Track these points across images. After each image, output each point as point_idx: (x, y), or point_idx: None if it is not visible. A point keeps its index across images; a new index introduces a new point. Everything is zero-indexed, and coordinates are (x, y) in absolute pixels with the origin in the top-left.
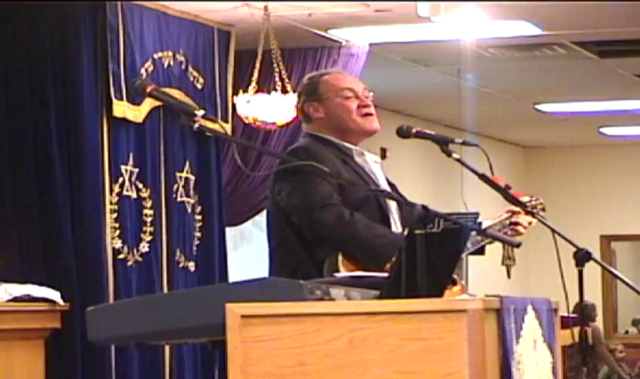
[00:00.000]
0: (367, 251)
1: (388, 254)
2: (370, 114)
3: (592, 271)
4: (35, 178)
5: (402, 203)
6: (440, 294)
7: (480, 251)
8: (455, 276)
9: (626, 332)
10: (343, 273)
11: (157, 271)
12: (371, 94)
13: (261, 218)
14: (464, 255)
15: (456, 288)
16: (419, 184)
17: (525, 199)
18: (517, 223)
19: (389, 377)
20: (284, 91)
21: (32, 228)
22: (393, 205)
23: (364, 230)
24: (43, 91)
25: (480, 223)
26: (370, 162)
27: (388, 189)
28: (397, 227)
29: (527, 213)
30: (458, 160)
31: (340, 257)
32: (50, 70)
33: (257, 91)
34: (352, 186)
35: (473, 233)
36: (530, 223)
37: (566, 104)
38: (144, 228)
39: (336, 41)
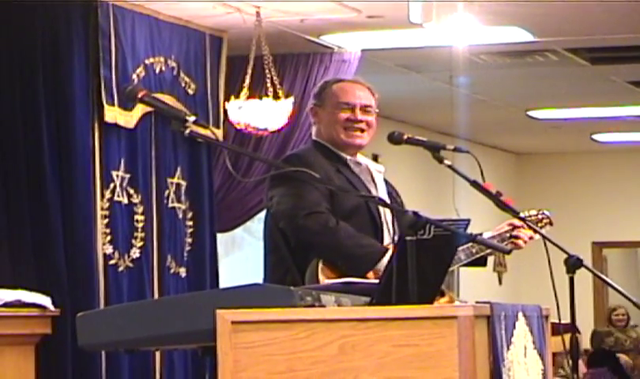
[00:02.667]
0: (347, 260)
1: (368, 265)
2: (357, 130)
3: (583, 277)
4: (26, 184)
5: (392, 209)
6: (431, 301)
7: (482, 263)
8: (443, 288)
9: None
10: (324, 280)
11: (148, 277)
12: (377, 110)
13: (253, 224)
14: (458, 266)
15: (444, 299)
16: (411, 190)
17: (532, 212)
18: (517, 237)
19: None
20: (276, 97)
21: (22, 234)
22: (388, 214)
23: (347, 239)
24: (34, 96)
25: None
26: (373, 170)
27: (386, 198)
28: (390, 235)
29: (520, 220)
30: (450, 167)
31: (320, 264)
32: (41, 75)
33: (249, 97)
34: (343, 192)
35: (467, 244)
36: (531, 238)
37: (558, 111)
38: (136, 234)
39: (328, 47)
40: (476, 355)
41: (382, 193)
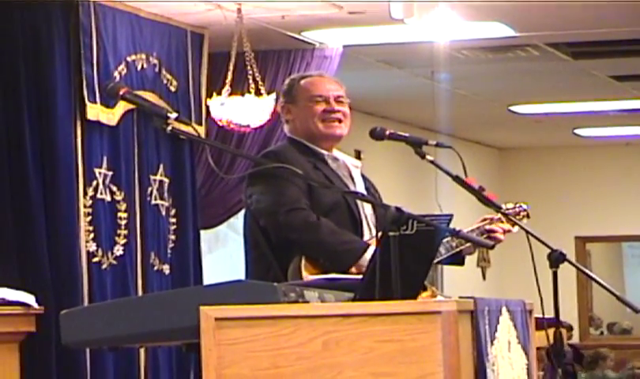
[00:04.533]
0: (329, 256)
1: (350, 261)
2: (334, 120)
3: (567, 272)
4: (9, 182)
5: (375, 205)
6: (414, 296)
7: (460, 262)
8: (425, 282)
9: (601, 333)
10: (307, 276)
11: (132, 274)
12: (348, 100)
13: (236, 220)
14: (437, 261)
15: (426, 294)
16: (394, 186)
17: (509, 205)
18: (492, 231)
19: None
20: (258, 93)
21: (5, 232)
22: (368, 209)
23: (329, 235)
24: (16, 94)
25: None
26: (350, 166)
27: (364, 193)
28: (370, 230)
29: (502, 215)
30: (432, 162)
31: (302, 261)
32: (23, 73)
33: (230, 94)
34: (323, 187)
35: (447, 239)
36: (509, 231)
37: (540, 105)
38: (119, 231)
39: (309, 43)
40: (460, 350)
41: (360, 188)
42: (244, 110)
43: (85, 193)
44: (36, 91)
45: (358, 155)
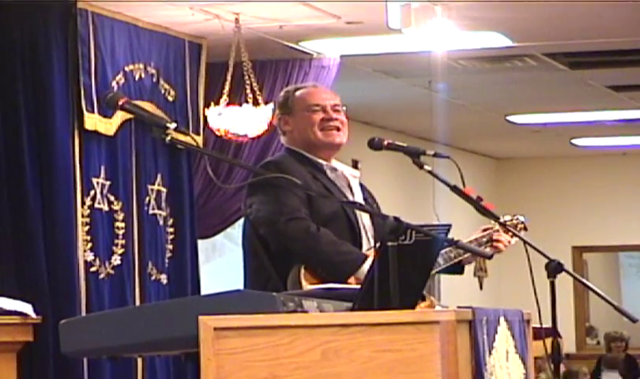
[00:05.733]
0: (327, 266)
1: (348, 271)
2: (333, 128)
3: (564, 282)
4: (7, 192)
5: (373, 215)
6: (413, 306)
7: (460, 270)
8: (424, 292)
9: (598, 343)
10: (306, 286)
11: (129, 283)
12: (344, 108)
13: (233, 230)
14: (436, 271)
15: (424, 303)
16: (391, 196)
17: (507, 218)
18: (497, 241)
19: None
20: (256, 103)
21: (3, 241)
22: (366, 219)
23: (328, 245)
24: (14, 103)
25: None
26: (348, 176)
27: (363, 203)
28: (369, 240)
29: (500, 225)
30: (430, 172)
31: (302, 270)
32: (21, 82)
33: (228, 104)
34: (324, 198)
35: (446, 249)
36: (509, 242)
37: (537, 115)
38: (116, 241)
39: (307, 53)
40: (459, 360)
41: (359, 198)
42: (242, 120)
43: (83, 203)
44: (34, 101)
45: (355, 164)
